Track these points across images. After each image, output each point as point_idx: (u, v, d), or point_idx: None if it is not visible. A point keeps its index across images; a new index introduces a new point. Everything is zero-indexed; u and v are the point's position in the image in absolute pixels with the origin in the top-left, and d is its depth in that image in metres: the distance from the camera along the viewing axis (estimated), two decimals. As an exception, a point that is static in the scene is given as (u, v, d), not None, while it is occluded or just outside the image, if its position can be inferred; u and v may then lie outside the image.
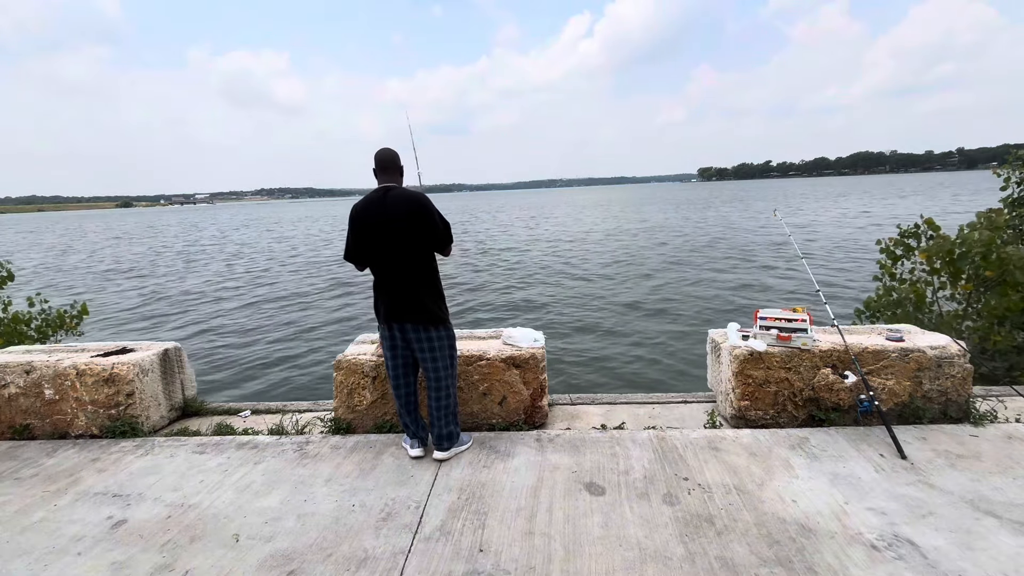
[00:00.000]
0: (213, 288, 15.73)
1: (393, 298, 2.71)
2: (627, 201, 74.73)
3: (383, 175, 2.77)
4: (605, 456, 2.80)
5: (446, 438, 2.85)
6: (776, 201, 52.36)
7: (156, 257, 24.73)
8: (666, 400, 3.67)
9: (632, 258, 18.10)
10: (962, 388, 3.03)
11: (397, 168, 2.80)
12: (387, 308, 2.74)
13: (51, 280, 18.95)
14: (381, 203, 2.68)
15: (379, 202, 2.68)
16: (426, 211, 2.67)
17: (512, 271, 16.51)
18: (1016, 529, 2.10)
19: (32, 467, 2.96)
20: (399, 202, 2.66)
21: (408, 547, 2.14)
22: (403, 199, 2.67)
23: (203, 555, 2.13)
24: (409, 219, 2.64)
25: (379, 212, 2.67)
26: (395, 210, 2.64)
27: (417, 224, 2.65)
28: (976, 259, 4.41)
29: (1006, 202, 5.29)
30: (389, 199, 2.67)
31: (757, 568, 1.94)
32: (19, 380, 3.35)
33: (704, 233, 25.05)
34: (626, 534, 2.16)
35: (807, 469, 2.59)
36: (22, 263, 24.46)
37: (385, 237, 2.66)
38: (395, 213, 2.64)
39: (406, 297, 2.69)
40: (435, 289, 2.77)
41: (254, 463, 2.89)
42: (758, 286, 12.57)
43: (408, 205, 2.65)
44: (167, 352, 3.67)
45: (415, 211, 2.65)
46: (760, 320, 3.19)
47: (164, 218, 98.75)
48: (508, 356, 3.21)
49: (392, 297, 2.72)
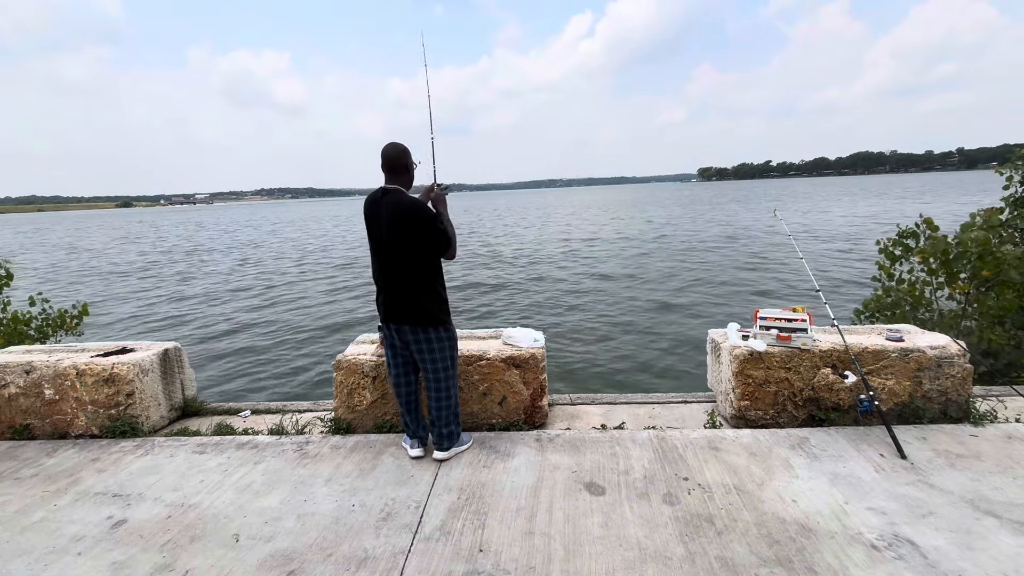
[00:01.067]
0: (214, 288, 15.73)
1: (390, 298, 2.70)
2: (629, 202, 74.67)
3: (388, 174, 2.70)
4: (605, 456, 2.80)
5: (446, 438, 2.85)
6: (779, 201, 52.36)
7: (161, 257, 24.73)
8: (666, 400, 3.67)
9: (632, 258, 18.10)
10: (962, 388, 3.03)
11: (401, 167, 2.69)
12: (385, 308, 2.74)
13: (56, 279, 18.96)
14: (377, 206, 2.66)
15: (376, 204, 2.67)
16: (416, 222, 2.58)
17: (520, 271, 16.51)
18: (1016, 529, 2.10)
19: (32, 467, 2.96)
20: (391, 209, 2.60)
21: (408, 547, 2.14)
22: (395, 207, 2.59)
23: (203, 555, 2.13)
24: (399, 228, 2.59)
25: (375, 214, 2.66)
26: (389, 217, 2.60)
27: (407, 234, 2.58)
28: (973, 259, 4.41)
29: (1008, 201, 5.29)
30: (384, 203, 2.63)
31: (757, 568, 1.94)
32: (19, 380, 3.35)
33: (705, 233, 25.05)
34: (626, 534, 2.16)
35: (807, 469, 2.59)
36: (35, 262, 24.43)
37: (381, 239, 2.65)
38: (388, 220, 2.60)
39: (403, 298, 2.67)
40: (433, 291, 2.71)
41: (254, 463, 2.89)
42: (759, 286, 12.57)
43: (400, 214, 2.58)
44: (167, 352, 3.67)
45: (405, 222, 2.58)
46: (760, 320, 3.19)
47: (167, 218, 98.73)
48: (508, 356, 3.21)
49: (389, 297, 2.70)
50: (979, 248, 4.35)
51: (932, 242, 4.71)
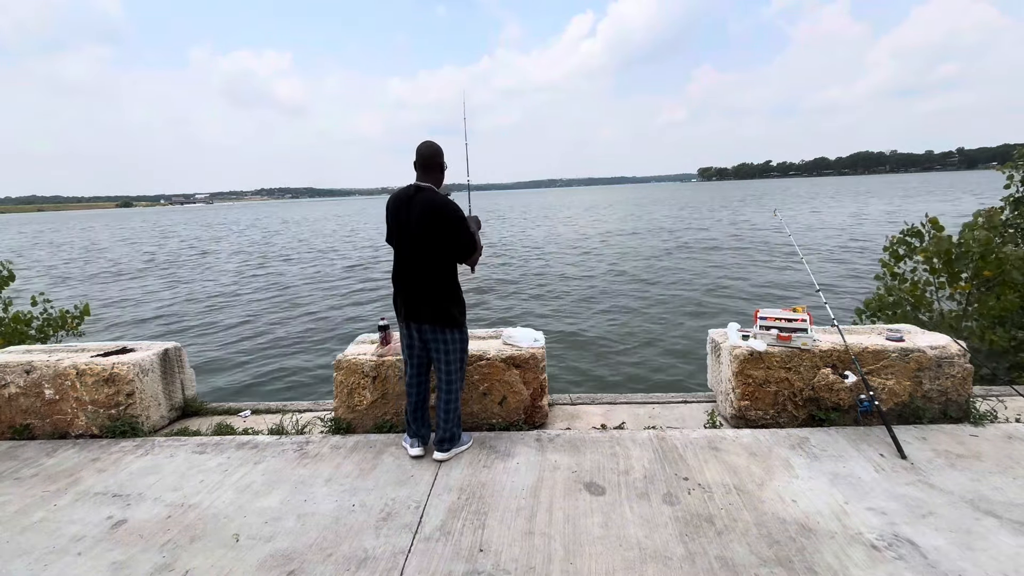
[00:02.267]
0: (214, 288, 15.73)
1: (411, 298, 2.71)
2: (630, 202, 74.61)
3: (421, 172, 2.70)
4: (605, 456, 2.80)
5: (448, 440, 2.85)
6: (780, 201, 52.32)
7: (168, 258, 24.71)
8: (666, 400, 3.67)
9: (634, 259, 18.09)
10: (962, 388, 3.03)
11: (437, 166, 2.71)
12: (406, 308, 2.75)
13: (71, 276, 18.98)
14: (409, 203, 2.65)
15: (407, 201, 2.66)
16: (449, 222, 2.60)
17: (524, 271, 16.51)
18: (1016, 529, 2.09)
19: (32, 467, 2.96)
20: (425, 206, 2.61)
21: (408, 547, 2.14)
22: (429, 204, 2.61)
23: (203, 555, 2.13)
24: (431, 226, 2.60)
25: (406, 211, 2.65)
26: (420, 214, 2.61)
27: (438, 232, 2.61)
28: (975, 259, 4.41)
29: (1008, 201, 5.29)
30: (416, 201, 2.63)
31: (757, 568, 1.94)
32: (19, 380, 3.36)
33: (707, 233, 25.04)
34: (626, 534, 2.16)
35: (807, 469, 2.59)
36: (48, 265, 24.41)
37: (408, 237, 2.65)
38: (419, 217, 2.61)
39: (424, 298, 2.68)
40: (454, 292, 2.73)
41: (254, 463, 2.89)
42: (760, 285, 12.57)
43: (433, 212, 2.60)
44: (167, 352, 3.67)
45: (438, 219, 2.60)
46: (760, 320, 3.19)
47: (169, 218, 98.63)
48: (508, 356, 3.21)
49: (410, 297, 2.71)
50: (981, 248, 4.35)
51: (936, 241, 4.72)
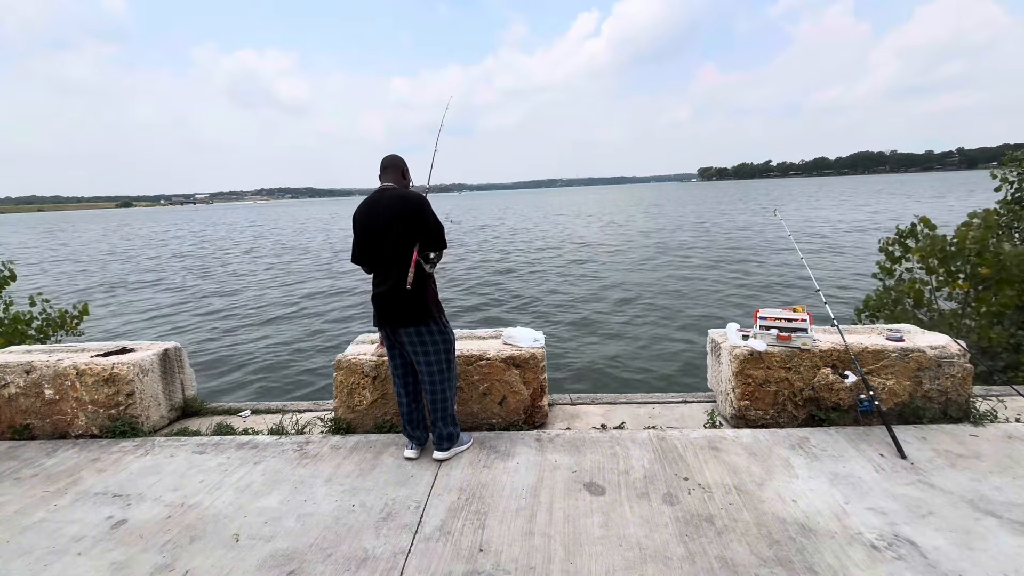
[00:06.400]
0: (214, 288, 15.73)
1: (384, 300, 2.72)
2: (632, 202, 74.55)
3: (383, 174, 2.83)
4: (605, 456, 2.80)
5: (445, 439, 2.85)
6: (780, 200, 52.31)
7: (173, 258, 24.69)
8: (666, 400, 3.67)
9: (633, 260, 18.10)
10: (962, 388, 3.03)
11: (397, 168, 2.84)
12: (380, 311, 2.76)
13: (61, 278, 18.97)
14: (377, 203, 2.71)
15: (375, 203, 2.73)
16: (419, 210, 2.68)
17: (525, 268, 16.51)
18: (1016, 529, 2.09)
19: (32, 467, 2.96)
20: (394, 201, 2.69)
21: (408, 547, 2.14)
22: (398, 197, 2.70)
23: (203, 555, 2.13)
24: (402, 217, 2.65)
25: (375, 212, 2.70)
26: (390, 209, 2.66)
27: (409, 222, 2.66)
28: (971, 257, 4.42)
29: (1002, 203, 5.31)
30: (384, 199, 2.71)
31: (757, 568, 1.94)
32: (19, 380, 3.35)
33: (708, 233, 25.04)
34: (626, 534, 2.16)
35: (807, 469, 2.59)
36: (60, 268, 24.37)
37: (380, 237, 2.68)
38: (390, 212, 2.66)
39: (396, 296, 2.68)
40: (426, 289, 2.75)
41: (254, 463, 2.89)
42: (759, 286, 12.57)
43: (403, 203, 2.68)
44: (167, 352, 3.67)
45: (408, 209, 2.67)
46: (760, 320, 3.18)
47: (170, 217, 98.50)
48: (508, 356, 3.21)
49: (384, 299, 2.73)
50: (977, 245, 4.36)
51: (929, 240, 4.73)
